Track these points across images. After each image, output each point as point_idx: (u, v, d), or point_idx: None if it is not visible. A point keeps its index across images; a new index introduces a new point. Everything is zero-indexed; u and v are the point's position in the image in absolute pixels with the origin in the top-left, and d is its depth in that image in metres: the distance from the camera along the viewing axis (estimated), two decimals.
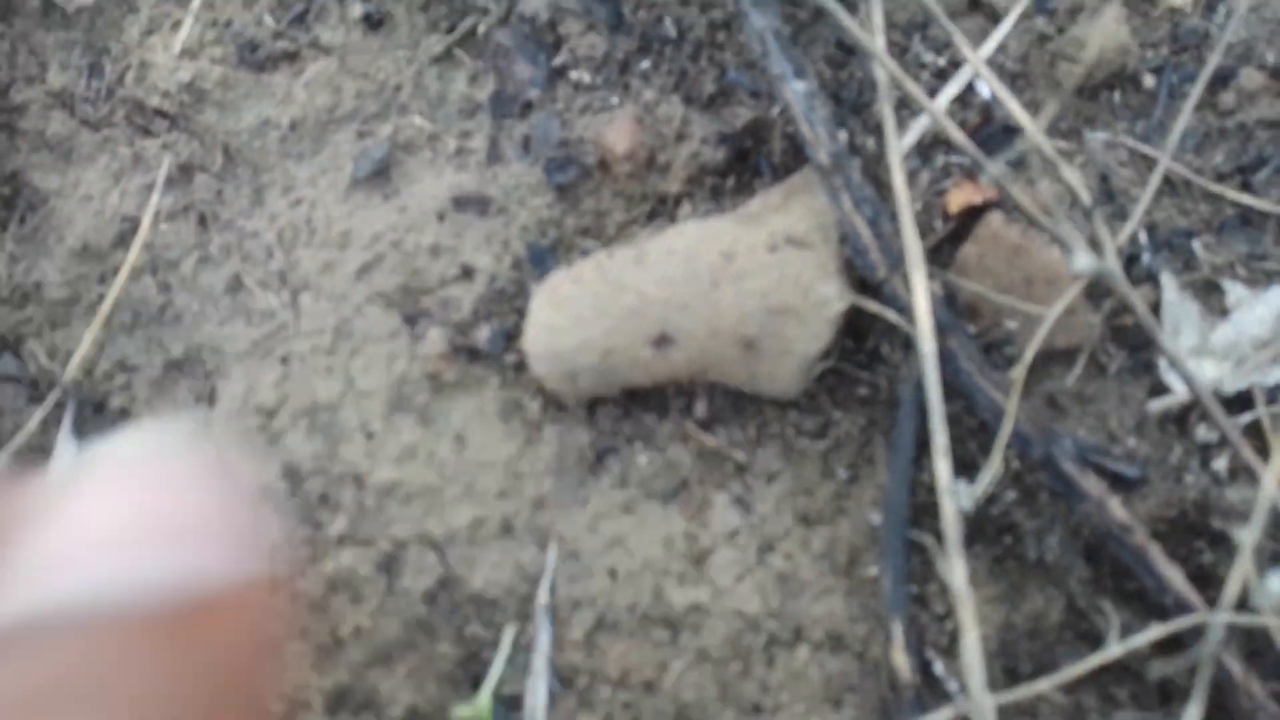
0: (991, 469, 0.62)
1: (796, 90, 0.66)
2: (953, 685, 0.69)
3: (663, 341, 0.63)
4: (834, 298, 0.64)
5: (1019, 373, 0.64)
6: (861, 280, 0.67)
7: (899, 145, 0.65)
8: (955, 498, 0.64)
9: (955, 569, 0.63)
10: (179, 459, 0.32)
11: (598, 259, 0.65)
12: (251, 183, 0.74)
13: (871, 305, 0.65)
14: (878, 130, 0.69)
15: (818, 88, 0.66)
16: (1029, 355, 0.63)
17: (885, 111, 0.66)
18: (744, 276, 0.62)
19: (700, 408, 0.72)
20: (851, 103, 0.68)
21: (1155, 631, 0.64)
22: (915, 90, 0.59)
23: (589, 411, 0.73)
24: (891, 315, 0.63)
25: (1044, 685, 0.67)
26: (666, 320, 0.63)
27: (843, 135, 0.65)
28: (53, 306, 0.72)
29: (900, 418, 0.68)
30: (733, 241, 0.62)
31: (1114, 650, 0.65)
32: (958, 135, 0.60)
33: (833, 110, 0.68)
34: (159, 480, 0.31)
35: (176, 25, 0.74)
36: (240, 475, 0.32)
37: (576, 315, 0.63)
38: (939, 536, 0.70)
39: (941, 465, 0.63)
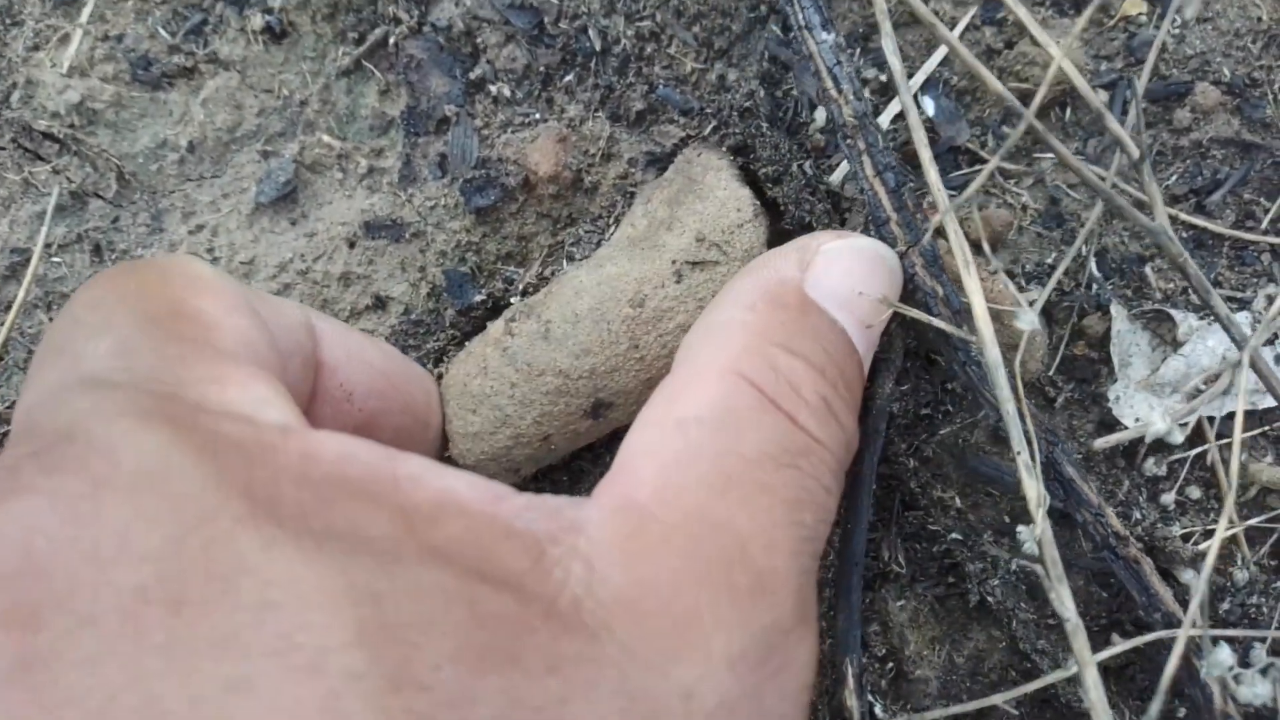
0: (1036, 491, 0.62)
1: (823, 41, 0.64)
2: None
3: (599, 409, 0.62)
4: None
5: (1018, 368, 0.63)
6: None
7: (908, 90, 0.63)
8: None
9: (1064, 599, 0.62)
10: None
11: (496, 339, 0.63)
12: (149, 208, 0.72)
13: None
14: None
15: (845, 42, 0.64)
16: (1023, 348, 0.62)
17: (893, 62, 0.63)
18: (660, 318, 0.61)
19: None
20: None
21: (1120, 646, 0.65)
22: (943, 30, 0.57)
23: None
24: (928, 318, 0.62)
25: (982, 703, 0.68)
26: (598, 389, 0.62)
27: (868, 94, 0.63)
28: None
29: (863, 449, 0.66)
30: (637, 285, 0.61)
31: (1073, 669, 0.66)
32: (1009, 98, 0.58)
33: (857, 68, 0.66)
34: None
35: (65, 40, 0.72)
36: None
37: (499, 414, 0.62)
38: (881, 576, 0.71)
39: (1030, 484, 0.61)
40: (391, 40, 0.74)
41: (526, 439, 0.63)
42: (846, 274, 0.53)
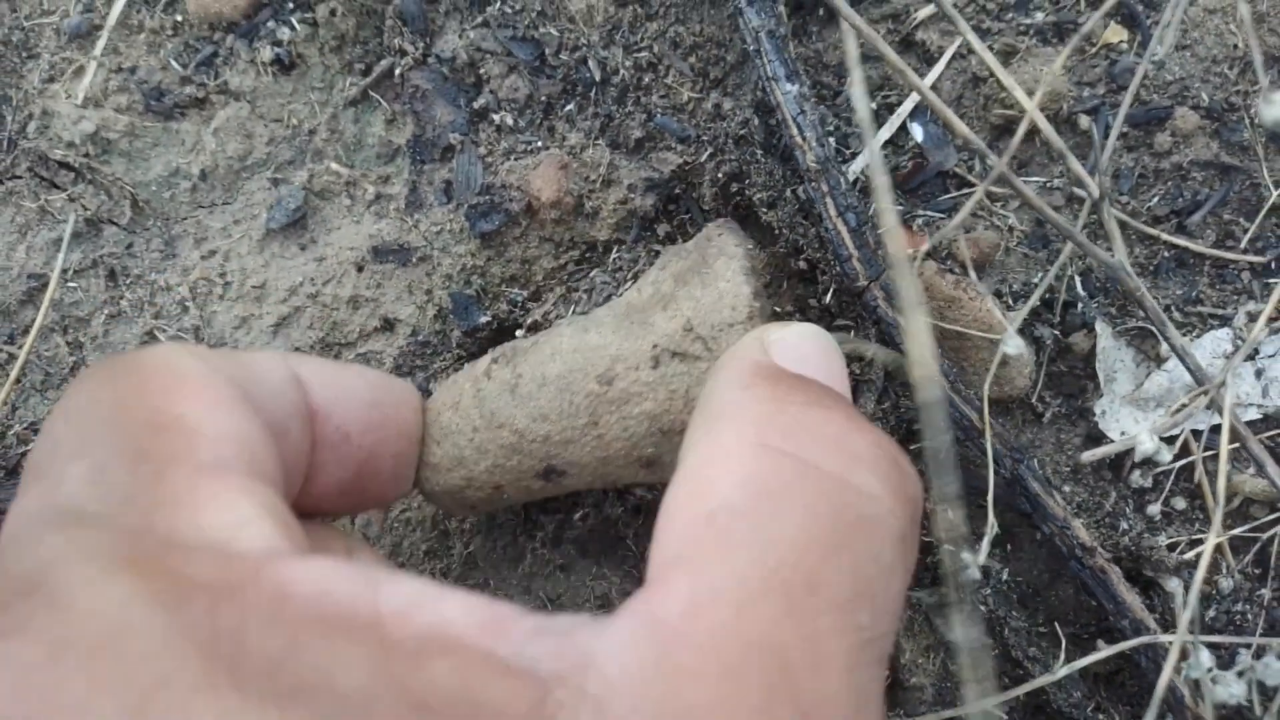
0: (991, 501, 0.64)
1: (788, 92, 0.68)
2: None
3: (550, 474, 0.61)
4: None
5: (987, 387, 0.66)
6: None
7: (876, 146, 0.67)
8: (960, 564, 0.66)
9: (957, 624, 0.66)
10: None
11: (475, 378, 0.62)
12: (162, 235, 0.75)
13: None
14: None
15: (809, 91, 0.68)
16: (993, 371, 0.65)
17: (860, 107, 0.66)
18: (627, 400, 0.58)
19: None
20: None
21: (1104, 652, 0.68)
22: (912, 77, 0.61)
23: None
24: (883, 355, 0.65)
25: (973, 707, 0.71)
26: (551, 456, 0.60)
27: (831, 141, 0.67)
28: None
29: None
30: (611, 362, 0.58)
31: (1060, 672, 0.68)
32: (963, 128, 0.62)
33: (822, 115, 0.70)
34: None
35: (79, 72, 0.74)
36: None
37: (458, 453, 0.61)
38: None
39: (952, 514, 0.65)
40: (397, 71, 0.76)
41: (479, 484, 0.61)
42: (809, 349, 0.51)
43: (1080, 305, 0.72)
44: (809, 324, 0.54)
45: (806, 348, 0.51)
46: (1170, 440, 0.72)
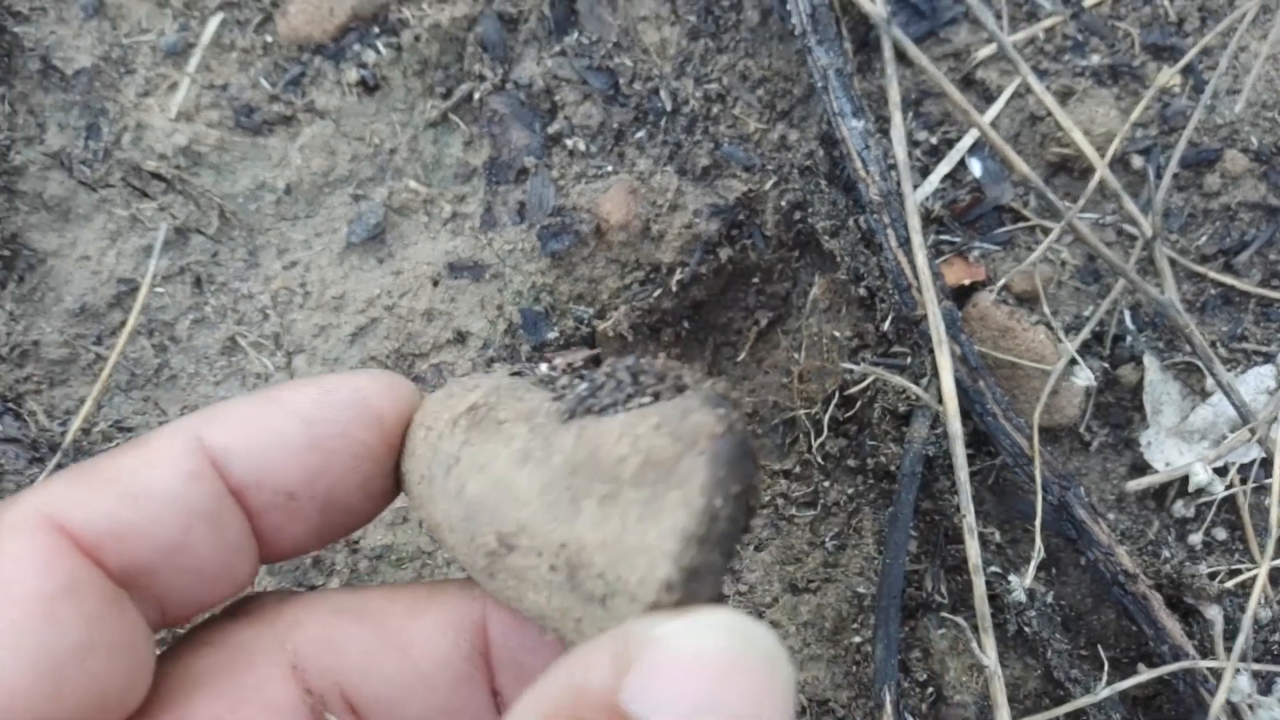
0: (1038, 525, 0.67)
1: (854, 128, 0.72)
2: None
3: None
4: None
5: (1038, 415, 0.69)
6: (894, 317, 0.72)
7: (914, 198, 0.70)
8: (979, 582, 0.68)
9: (988, 649, 0.68)
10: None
11: (454, 415, 0.48)
12: (247, 245, 0.78)
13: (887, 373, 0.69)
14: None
15: (873, 126, 0.71)
16: (1043, 400, 0.68)
17: (899, 152, 0.70)
18: (521, 579, 0.43)
19: None
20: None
21: (1144, 675, 0.70)
22: (976, 116, 0.64)
23: None
24: (914, 390, 0.68)
25: None
26: (456, 562, 0.47)
27: (893, 175, 0.70)
28: (51, 366, 0.77)
29: (900, 490, 0.72)
30: (517, 529, 0.43)
31: (1101, 693, 0.71)
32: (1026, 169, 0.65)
33: (885, 149, 0.73)
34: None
35: (173, 87, 0.78)
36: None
37: (407, 482, 0.49)
38: (924, 606, 0.76)
39: (971, 545, 0.68)
40: (476, 95, 0.80)
41: (426, 525, 0.49)
42: (685, 679, 0.30)
43: (1129, 339, 0.75)
44: (726, 615, 0.32)
45: (685, 670, 0.30)
46: (1219, 472, 0.75)
